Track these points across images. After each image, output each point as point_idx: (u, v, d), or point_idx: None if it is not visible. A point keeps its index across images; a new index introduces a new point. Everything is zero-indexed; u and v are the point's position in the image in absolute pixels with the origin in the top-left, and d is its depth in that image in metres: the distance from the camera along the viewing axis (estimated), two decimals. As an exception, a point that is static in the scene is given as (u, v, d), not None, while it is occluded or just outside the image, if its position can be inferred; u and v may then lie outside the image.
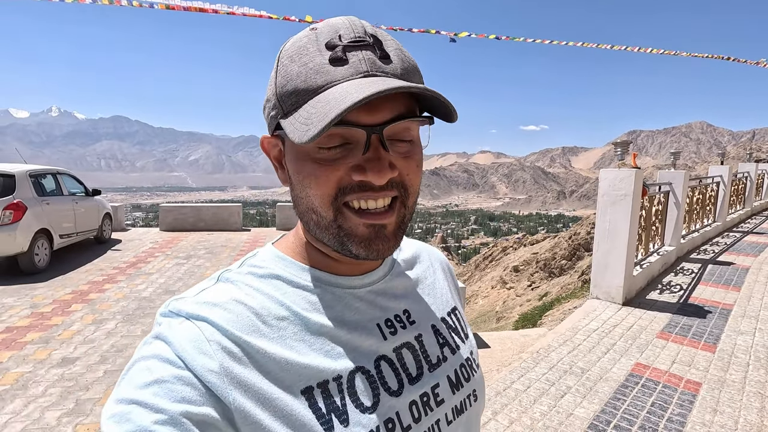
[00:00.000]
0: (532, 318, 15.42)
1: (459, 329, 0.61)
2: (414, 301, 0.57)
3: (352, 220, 0.44)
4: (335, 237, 0.45)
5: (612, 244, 4.35)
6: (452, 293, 0.66)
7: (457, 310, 0.65)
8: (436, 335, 0.57)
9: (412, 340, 0.53)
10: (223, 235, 9.57)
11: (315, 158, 0.43)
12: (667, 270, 5.85)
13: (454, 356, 0.57)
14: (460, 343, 0.59)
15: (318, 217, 0.45)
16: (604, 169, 4.42)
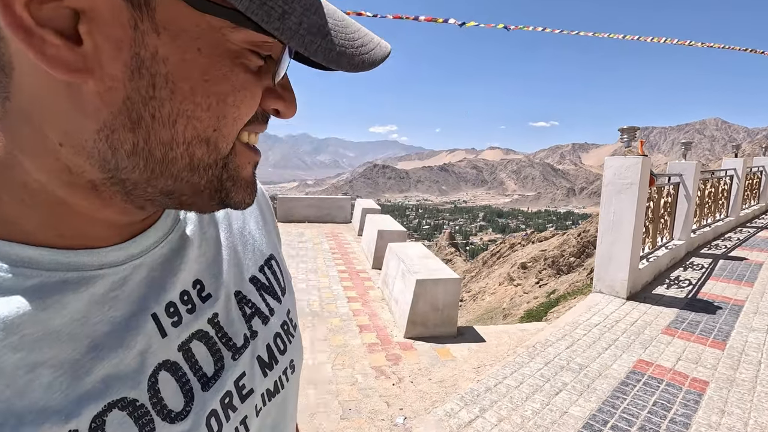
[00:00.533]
0: (537, 314, 15.18)
1: (274, 285, 0.49)
2: (210, 264, 0.41)
3: (244, 157, 0.34)
4: (215, 180, 0.32)
5: (616, 235, 4.15)
6: (268, 235, 0.52)
7: (274, 258, 0.51)
8: (242, 306, 0.43)
9: (204, 324, 0.39)
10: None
11: (246, 65, 0.30)
12: (676, 265, 5.62)
13: (266, 326, 0.45)
14: (275, 305, 0.47)
15: (208, 151, 0.30)
16: (609, 157, 4.21)
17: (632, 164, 4.04)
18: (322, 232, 9.16)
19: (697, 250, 6.44)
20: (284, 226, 9.81)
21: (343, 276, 5.67)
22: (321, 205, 10.54)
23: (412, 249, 4.80)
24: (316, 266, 6.13)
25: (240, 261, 0.45)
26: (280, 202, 10.44)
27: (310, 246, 7.62)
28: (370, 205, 9.13)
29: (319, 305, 4.48)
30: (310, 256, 6.77)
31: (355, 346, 3.49)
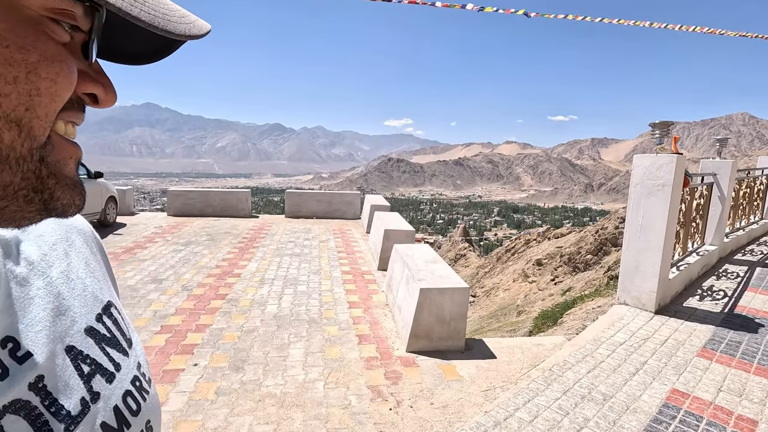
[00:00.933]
0: (553, 315, 14.65)
1: (117, 336, 0.42)
2: (24, 314, 0.33)
3: (64, 150, 0.29)
4: (33, 178, 0.26)
5: (645, 242, 3.73)
6: (103, 279, 0.45)
7: (113, 305, 0.43)
8: (78, 363, 0.36)
9: (24, 392, 0.31)
10: (229, 221, 9.30)
11: (53, 35, 0.26)
12: (708, 272, 5.15)
13: (112, 385, 0.39)
14: (121, 359, 0.41)
15: (21, 137, 0.25)
16: (638, 155, 3.79)
17: (665, 164, 3.61)
18: (329, 229, 8.88)
19: (731, 256, 5.95)
20: (291, 222, 9.57)
21: (346, 278, 5.37)
22: (330, 200, 10.26)
23: (419, 252, 4.46)
24: (319, 267, 5.85)
25: (69, 309, 0.38)
26: (288, 197, 10.20)
27: (315, 244, 7.34)
28: (378, 202, 8.81)
29: (318, 311, 4.19)
30: (314, 255, 6.50)
31: (352, 361, 3.19)
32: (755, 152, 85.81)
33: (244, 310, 4.13)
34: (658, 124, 3.74)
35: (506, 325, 30.78)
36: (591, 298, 14.32)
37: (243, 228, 8.58)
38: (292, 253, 6.61)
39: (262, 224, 9.12)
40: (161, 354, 3.18)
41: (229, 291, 4.69)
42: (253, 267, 5.70)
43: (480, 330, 32.03)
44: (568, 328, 11.64)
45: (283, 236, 7.92)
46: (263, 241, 7.42)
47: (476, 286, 51.03)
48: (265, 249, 6.81)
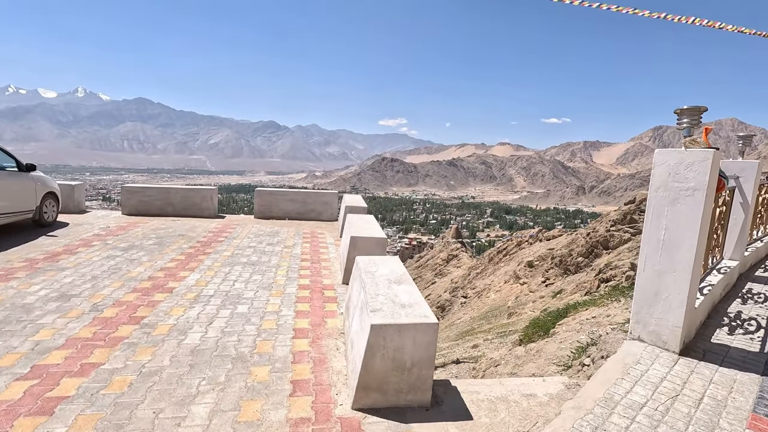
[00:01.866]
0: (545, 325, 13.80)
1: None
2: None
3: None
4: None
5: (669, 261, 2.89)
6: None
7: None
8: None
9: None
10: (190, 222, 8.35)
11: None
12: (730, 293, 4.34)
13: None
14: None
15: None
16: (661, 150, 2.94)
17: (697, 161, 2.77)
18: (300, 232, 7.98)
19: (751, 272, 5.16)
20: (260, 223, 8.65)
21: (302, 295, 4.48)
22: (305, 200, 9.36)
23: (383, 267, 3.59)
24: (273, 279, 4.95)
25: None
26: (258, 196, 9.27)
27: (278, 250, 6.44)
28: (355, 203, 7.92)
29: (251, 342, 3.30)
30: (272, 265, 5.59)
31: (274, 425, 2.31)
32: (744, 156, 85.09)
33: (155, 341, 3.22)
34: (687, 110, 2.90)
35: (497, 327, 29.85)
36: (585, 307, 13.52)
37: (202, 230, 7.64)
38: (247, 261, 5.70)
39: (226, 225, 8.18)
40: (4, 416, 2.27)
41: (149, 312, 3.77)
42: (192, 279, 4.78)
43: (471, 332, 31.11)
44: (561, 341, 10.75)
45: (245, 240, 7.00)
46: (219, 246, 6.50)
47: (468, 287, 50.32)
48: (218, 256, 5.89)
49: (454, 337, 30.10)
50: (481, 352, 20.96)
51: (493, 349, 19.97)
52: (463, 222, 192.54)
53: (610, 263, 27.92)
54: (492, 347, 21.50)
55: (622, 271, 25.28)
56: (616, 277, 25.96)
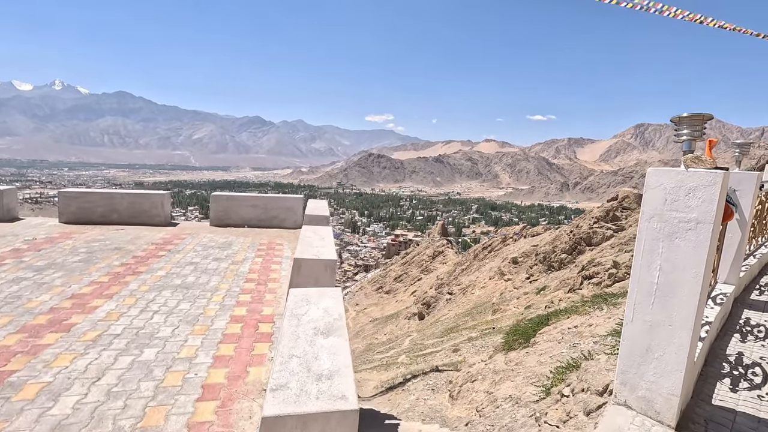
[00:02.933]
0: (525, 332, 13.27)
1: None
2: None
3: None
4: None
5: (665, 312, 2.27)
6: None
7: None
8: None
9: None
10: (134, 231, 7.53)
11: None
12: (727, 326, 3.78)
13: None
14: None
15: None
16: (654, 169, 2.31)
17: (702, 186, 2.14)
18: (256, 243, 7.23)
19: (746, 295, 4.62)
20: (214, 232, 7.87)
21: (230, 332, 3.76)
22: (266, 205, 8.60)
23: (315, 309, 2.91)
24: (203, 310, 4.22)
25: None
26: (214, 201, 8.48)
27: (224, 267, 5.70)
28: (317, 210, 7.20)
29: (140, 411, 2.58)
30: (210, 287, 4.85)
31: None
32: (721, 155, 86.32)
33: (8, 414, 2.48)
34: (688, 119, 2.28)
35: (481, 323, 29.45)
36: (567, 315, 13.04)
37: (145, 241, 6.84)
38: (181, 283, 4.95)
39: (175, 235, 7.39)
40: None
41: (24, 365, 3.02)
42: (103, 311, 4.02)
43: (456, 328, 30.71)
44: (542, 352, 10.20)
45: (189, 254, 6.23)
46: (156, 262, 5.72)
47: (453, 284, 49.98)
48: (148, 276, 5.12)
49: (439, 334, 29.68)
50: (462, 356, 20.48)
51: (475, 353, 19.50)
52: (449, 218, 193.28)
53: (593, 260, 27.76)
54: (474, 350, 21.04)
55: (605, 268, 25.10)
56: (599, 275, 25.78)
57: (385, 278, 66.28)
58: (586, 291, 24.08)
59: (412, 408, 10.81)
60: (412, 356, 25.48)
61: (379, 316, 48.74)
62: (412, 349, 27.22)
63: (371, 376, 20.70)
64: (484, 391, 8.86)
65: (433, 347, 25.23)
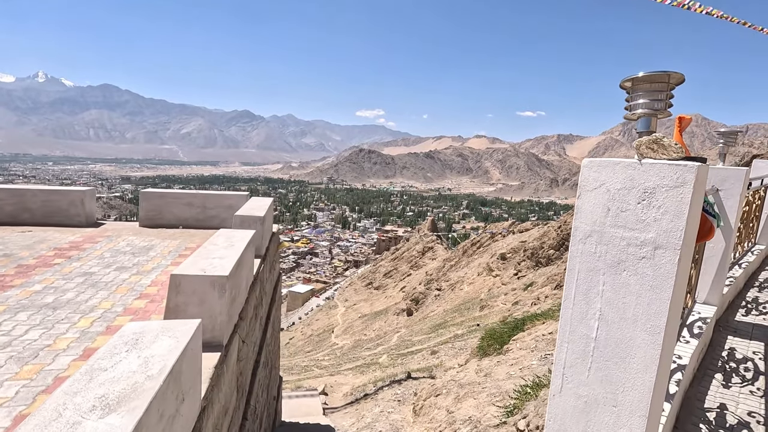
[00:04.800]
0: (500, 337, 12.55)
1: None
2: None
3: None
4: None
5: (608, 383, 1.45)
6: None
7: None
8: None
9: None
10: (45, 232, 6.56)
11: None
12: (707, 362, 3.00)
13: None
14: None
15: None
16: (592, 161, 1.47)
17: (665, 185, 1.31)
18: (182, 247, 6.33)
19: (729, 315, 3.86)
20: (140, 234, 6.94)
21: (69, 374, 2.88)
22: (204, 203, 7.68)
23: (124, 364, 2.04)
24: (53, 340, 3.32)
25: None
26: (145, 199, 7.53)
27: (122, 279, 4.79)
28: (252, 211, 6.28)
29: None
30: (86, 307, 3.95)
31: None
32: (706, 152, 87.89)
33: None
34: (645, 81, 1.44)
35: (469, 319, 28.71)
36: (542, 320, 12.32)
37: (47, 245, 5.89)
38: (53, 302, 4.03)
39: (89, 238, 6.44)
40: None
41: None
42: None
43: (443, 324, 30.02)
44: (513, 362, 9.44)
45: (90, 262, 5.31)
46: (41, 273, 4.79)
47: (442, 279, 49.31)
48: (18, 292, 4.19)
49: (427, 330, 29.14)
50: (439, 360, 19.72)
51: (453, 356, 18.77)
52: (440, 214, 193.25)
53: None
54: (452, 352, 20.31)
55: (590, 267, 24.66)
56: (584, 273, 25.28)
57: (375, 274, 65.59)
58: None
59: (374, 422, 10.03)
60: (394, 355, 24.77)
61: (369, 312, 48.07)
62: (398, 346, 26.52)
63: (347, 379, 19.93)
64: (446, 409, 8.09)
65: (419, 344, 24.58)
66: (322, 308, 57.42)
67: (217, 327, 3.36)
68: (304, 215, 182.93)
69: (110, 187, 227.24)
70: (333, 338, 38.67)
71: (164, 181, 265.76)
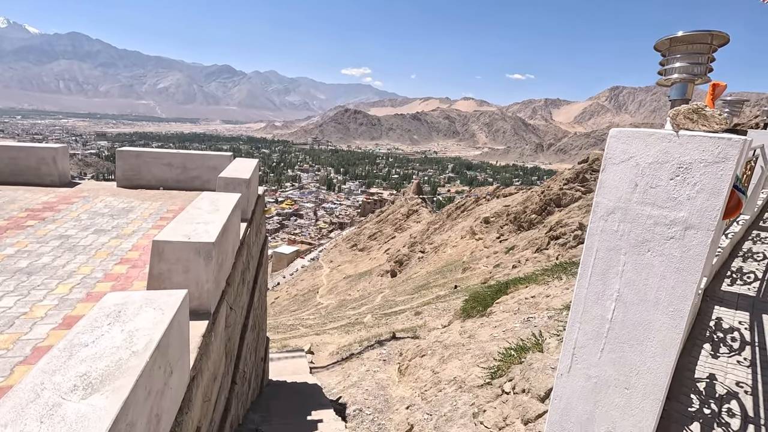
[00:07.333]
0: (483, 300, 12.80)
1: None
2: None
3: None
4: None
5: (622, 365, 1.39)
6: None
7: None
8: None
9: None
10: (15, 192, 6.21)
11: None
12: (696, 333, 3.04)
13: None
14: None
15: None
16: (621, 130, 1.33)
17: (704, 161, 1.20)
18: (163, 209, 6.09)
19: (716, 284, 3.92)
20: (119, 194, 6.64)
21: (47, 344, 2.75)
22: (185, 164, 7.36)
23: (106, 339, 1.91)
24: (30, 307, 3.17)
25: None
26: (121, 159, 7.16)
27: (102, 242, 4.59)
28: (235, 173, 6.02)
29: None
30: (63, 272, 3.77)
31: None
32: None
33: None
34: (685, 41, 1.28)
35: (452, 281, 29.33)
36: (525, 283, 12.56)
37: (19, 206, 5.58)
38: (27, 266, 3.83)
39: (64, 198, 6.13)
40: None
41: None
42: None
43: (426, 286, 30.61)
44: (496, 325, 9.66)
45: (67, 224, 5.06)
46: (14, 236, 4.54)
47: (426, 242, 49.97)
48: (-13, 257, 3.97)
49: (410, 291, 29.78)
50: (423, 320, 20.21)
51: (436, 317, 19.22)
52: (425, 177, 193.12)
53: (561, 221, 27.87)
54: (436, 313, 20.80)
55: (571, 229, 25.13)
56: (565, 235, 25.82)
57: (360, 236, 66.00)
58: (552, 251, 24.20)
59: (360, 381, 10.31)
60: (379, 315, 25.35)
61: (353, 273, 48.70)
62: (382, 306, 27.11)
63: (332, 339, 20.36)
64: (431, 369, 8.32)
65: (402, 304, 25.14)
66: (307, 269, 57.94)
67: (204, 295, 3.25)
68: (288, 176, 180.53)
69: (85, 144, 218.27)
70: (318, 298, 39.26)
71: (142, 139, 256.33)
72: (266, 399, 7.73)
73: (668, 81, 1.37)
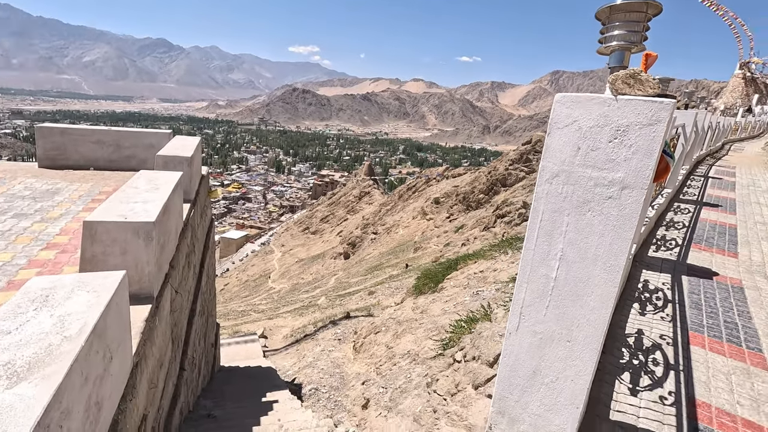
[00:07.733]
0: (435, 277, 13.14)
1: None
2: None
3: None
4: None
5: (564, 320, 1.48)
6: None
7: None
8: None
9: None
10: None
11: None
12: (626, 294, 3.31)
13: None
14: None
15: None
16: (565, 96, 1.38)
17: (639, 123, 1.27)
18: (95, 191, 5.61)
19: (643, 251, 4.28)
20: (41, 176, 6.03)
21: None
22: (119, 142, 6.80)
23: (33, 324, 1.75)
24: (-61, 298, 2.81)
25: None
26: (42, 137, 6.48)
27: (25, 226, 4.16)
28: (176, 150, 5.63)
29: None
30: (-23, 260, 3.38)
31: None
32: None
33: None
34: (623, 8, 1.33)
35: (404, 261, 29.79)
36: (474, 259, 13.03)
37: None
38: (-68, 254, 3.39)
39: (-26, 181, 5.46)
40: None
41: None
42: None
43: (379, 266, 30.94)
44: (447, 299, 9.96)
45: (-22, 209, 4.52)
46: None
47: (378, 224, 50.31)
48: None
49: (363, 272, 29.97)
50: (376, 299, 20.47)
51: (389, 295, 19.51)
52: (377, 159, 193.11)
53: (507, 200, 29.12)
54: (389, 292, 21.10)
55: (516, 208, 26.32)
56: (510, 214, 27.00)
57: (312, 219, 65.13)
58: (498, 229, 25.28)
59: (316, 361, 10.33)
60: (333, 297, 25.35)
61: (305, 256, 48.15)
62: (336, 288, 27.11)
63: (286, 322, 20.13)
64: (386, 345, 8.50)
65: (356, 285, 25.29)
66: (258, 254, 56.49)
67: (146, 278, 3.06)
68: (234, 158, 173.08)
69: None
70: (270, 283, 38.53)
71: (67, 117, 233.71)
72: (219, 384, 7.54)
73: (608, 49, 1.43)
